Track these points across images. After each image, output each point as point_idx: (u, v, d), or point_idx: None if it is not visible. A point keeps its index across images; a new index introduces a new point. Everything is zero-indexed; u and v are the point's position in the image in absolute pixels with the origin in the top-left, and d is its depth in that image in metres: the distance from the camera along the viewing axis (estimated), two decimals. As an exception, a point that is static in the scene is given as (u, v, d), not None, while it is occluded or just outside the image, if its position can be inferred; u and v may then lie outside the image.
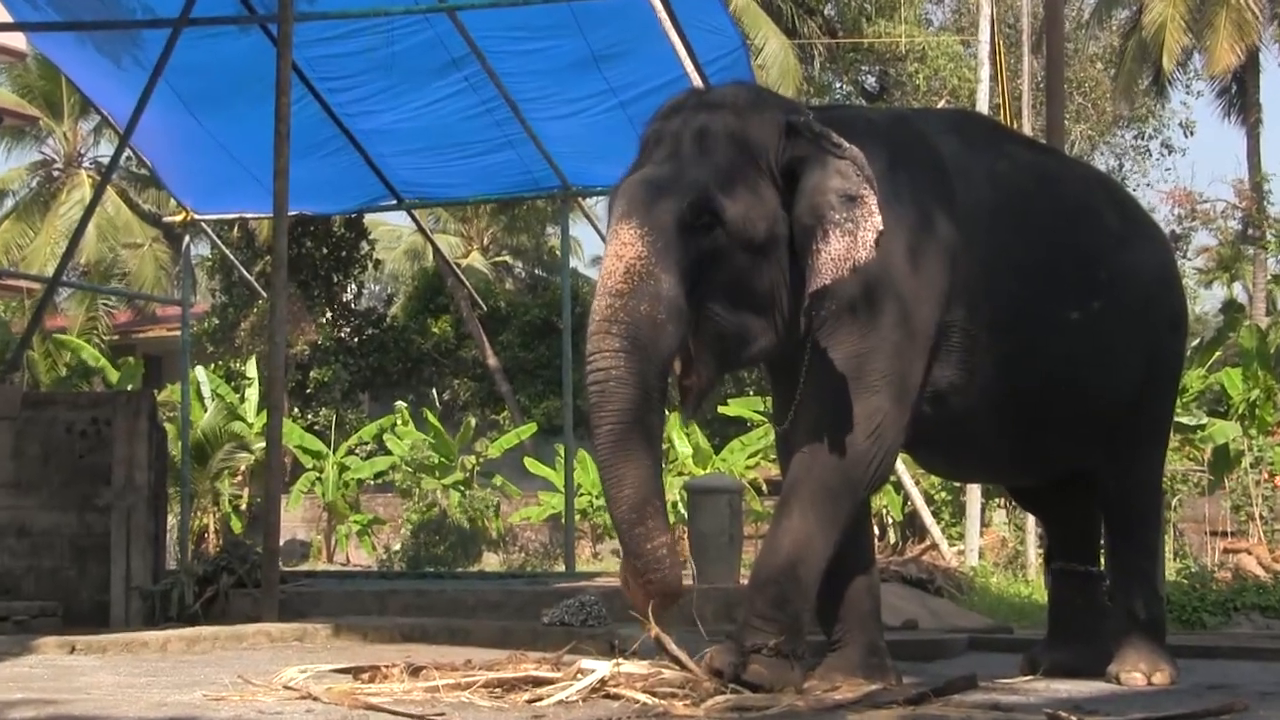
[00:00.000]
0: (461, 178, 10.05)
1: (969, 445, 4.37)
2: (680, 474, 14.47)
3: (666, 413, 3.73)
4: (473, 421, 16.71)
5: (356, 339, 20.23)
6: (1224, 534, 11.36)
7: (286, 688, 3.80)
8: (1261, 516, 11.33)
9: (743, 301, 3.77)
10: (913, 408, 4.06)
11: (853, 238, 3.69)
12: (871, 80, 21.49)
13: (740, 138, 3.86)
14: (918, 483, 10.99)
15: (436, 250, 14.80)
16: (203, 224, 11.08)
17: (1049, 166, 4.70)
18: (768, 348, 3.90)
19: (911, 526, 12.96)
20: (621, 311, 3.57)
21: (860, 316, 3.95)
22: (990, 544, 11.71)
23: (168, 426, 10.44)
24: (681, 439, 15.04)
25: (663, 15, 7.78)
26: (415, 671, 3.92)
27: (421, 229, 13.12)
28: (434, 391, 19.41)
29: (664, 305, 3.60)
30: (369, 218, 19.66)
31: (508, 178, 9.93)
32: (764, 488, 14.68)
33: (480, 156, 9.68)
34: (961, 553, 10.69)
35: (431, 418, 16.13)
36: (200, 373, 16.01)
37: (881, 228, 3.73)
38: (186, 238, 11.44)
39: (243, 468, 15.99)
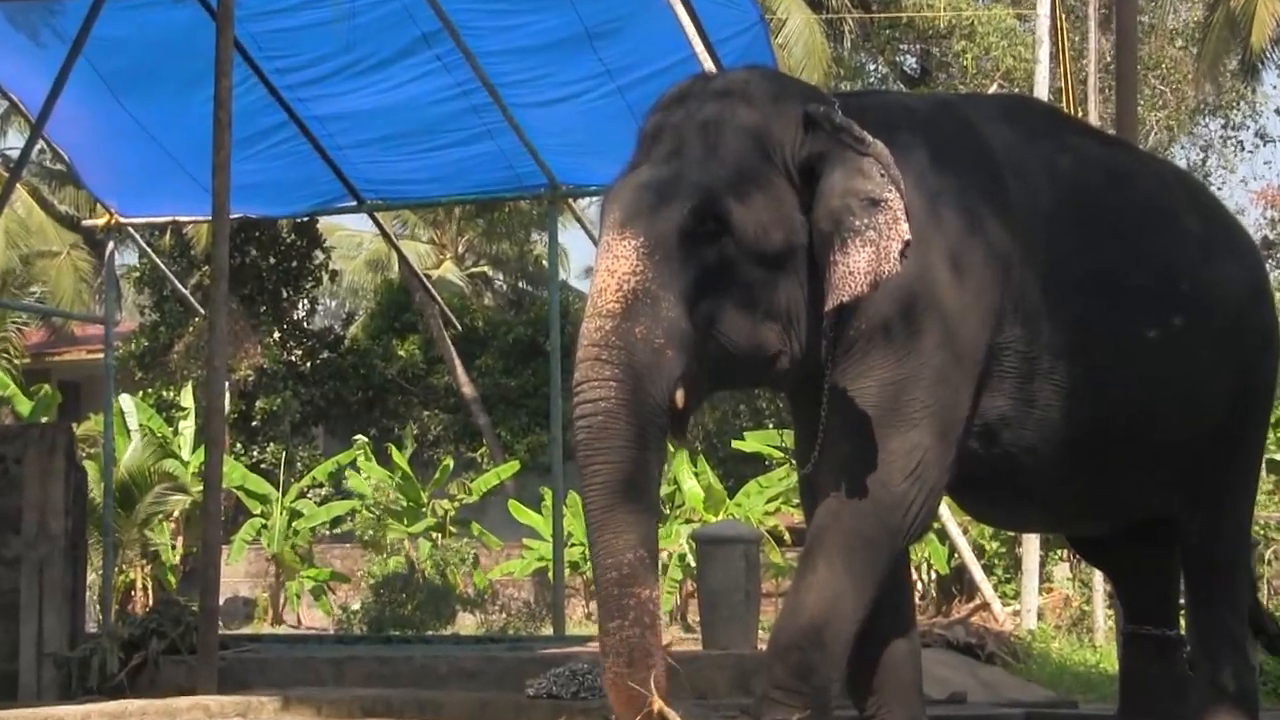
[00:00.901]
0: (433, 174, 10.04)
1: (1026, 488, 4.37)
2: (688, 520, 14.50)
3: (670, 448, 3.82)
4: (447, 462, 16.64)
5: (309, 363, 20.27)
6: (1327, 592, 11.98)
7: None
8: (1372, 572, 11.87)
9: (755, 320, 3.84)
10: (959, 444, 4.07)
11: (875, 248, 3.74)
12: (911, 62, 21.53)
13: (753, 132, 3.93)
14: (965, 531, 10.95)
15: (403, 260, 14.58)
16: (129, 229, 11.03)
17: (1119, 161, 4.71)
18: (784, 372, 3.95)
19: (959, 582, 12.92)
20: (615, 335, 3.64)
21: (896, 338, 3.97)
22: (1051, 604, 11.68)
23: (88, 465, 10.55)
24: (689, 478, 15.02)
25: (668, -17, 8.34)
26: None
27: (386, 235, 13.09)
28: (401, 424, 19.24)
29: (664, 328, 3.67)
30: (324, 222, 19.63)
31: (486, 175, 9.96)
32: (785, 537, 14.62)
33: (454, 149, 9.72)
34: (1017, 613, 10.66)
35: (397, 455, 16.09)
36: (126, 402, 15.79)
37: (909, 236, 3.77)
38: (110, 245, 11.35)
39: (176, 513, 15.85)
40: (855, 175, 3.84)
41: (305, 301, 20.38)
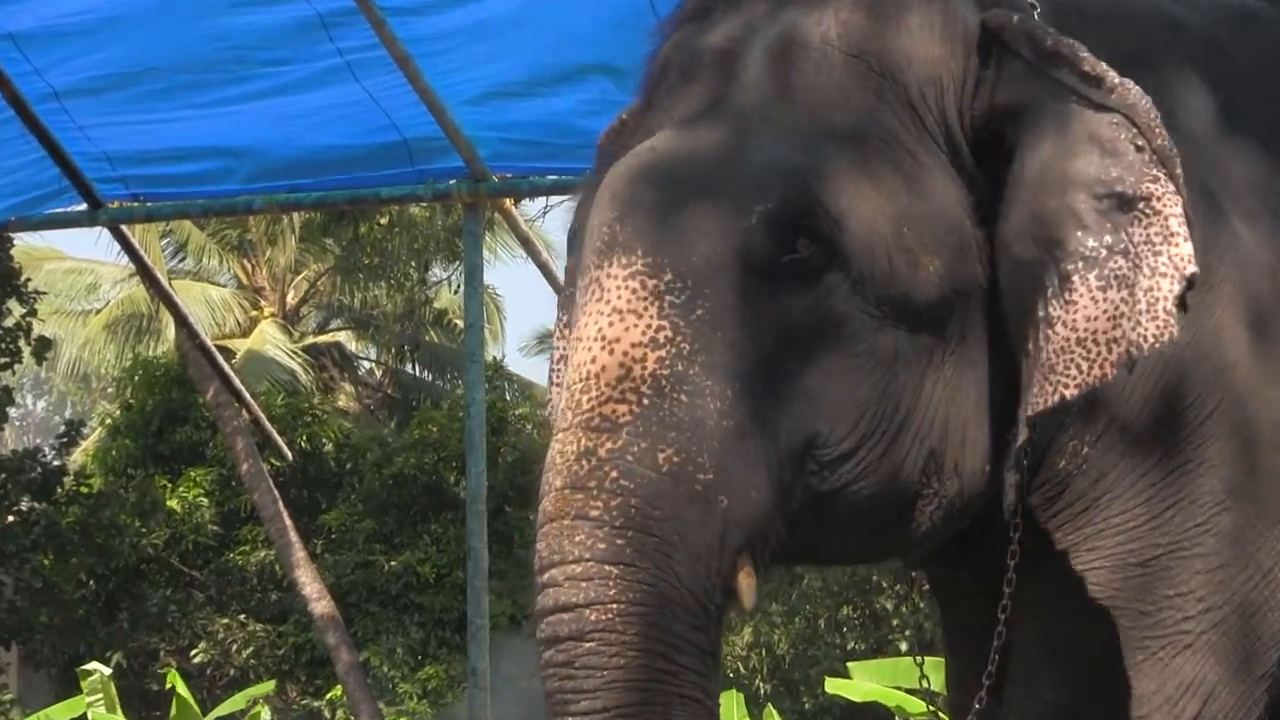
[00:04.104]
0: (235, 151, 9.04)
1: None
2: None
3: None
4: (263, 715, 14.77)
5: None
6: None
7: None
8: None
9: (880, 431, 3.27)
10: (1273, 682, 3.63)
11: (1130, 292, 3.20)
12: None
13: (880, 64, 3.33)
14: None
15: (175, 313, 12.06)
16: None
17: None
18: (927, 533, 3.40)
19: None
20: (617, 467, 3.04)
21: (1151, 469, 3.45)
22: None
23: None
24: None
25: None
26: None
27: (140, 266, 11.30)
28: (174, 645, 18.13)
29: (713, 449, 3.08)
30: (24, 243, 19.46)
31: (344, 152, 8.93)
32: None
33: (281, 100, 8.64)
34: None
35: (180, 686, 13.44)
36: None
37: (1195, 268, 3.20)
38: None
39: None
40: (1089, 149, 3.27)
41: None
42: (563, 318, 3.74)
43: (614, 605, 3.05)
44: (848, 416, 3.26)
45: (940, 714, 4.91)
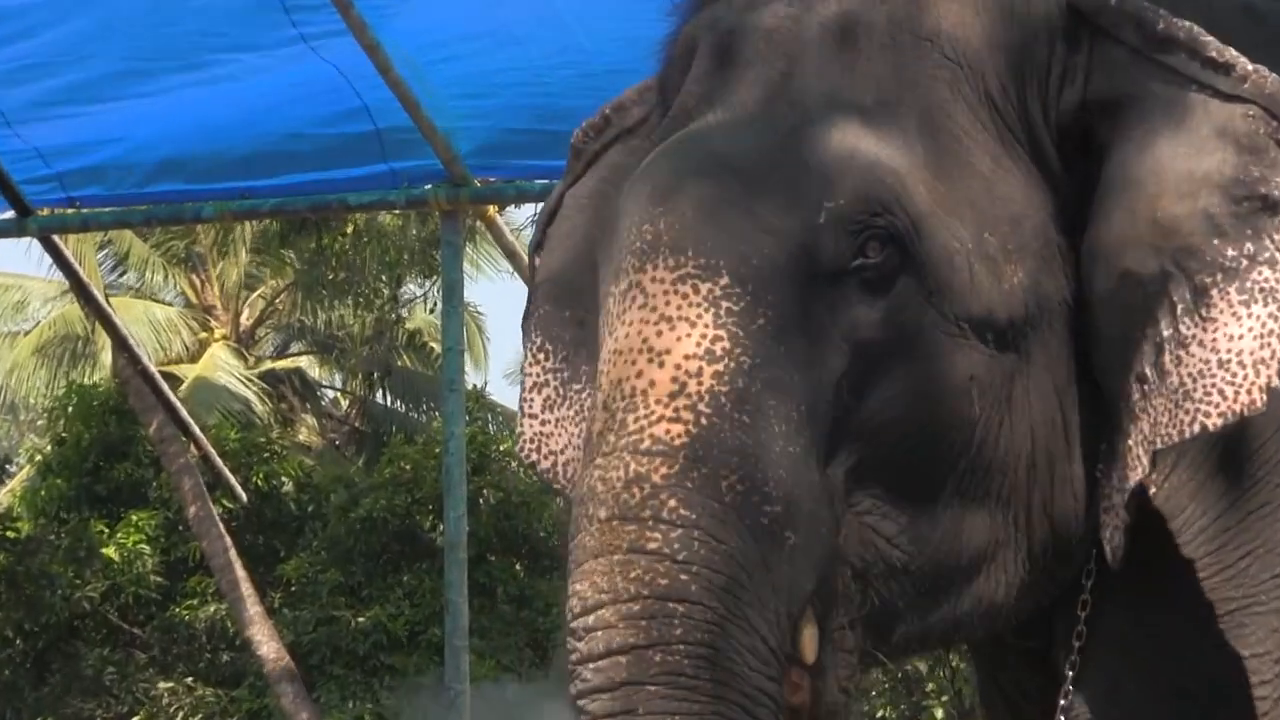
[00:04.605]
0: (190, 140, 9.51)
1: None
2: None
3: None
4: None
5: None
6: None
7: None
8: None
9: (952, 476, 3.25)
10: None
11: (1275, 309, 3.16)
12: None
13: (949, 47, 3.34)
14: None
15: (114, 335, 12.50)
16: None
17: None
18: (1011, 590, 3.36)
19: None
20: (675, 497, 3.03)
21: (1224, 514, 3.42)
22: None
23: None
24: None
25: None
26: None
27: (75, 281, 11.48)
28: (112, 712, 18.07)
29: (780, 479, 3.06)
30: None
31: (313, 143, 9.48)
32: None
33: (239, 89, 9.15)
34: None
35: None
36: None
37: None
38: None
39: None
40: (1221, 145, 3.24)
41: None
42: (535, 340, 3.72)
43: (682, 646, 3.01)
44: (913, 448, 3.23)
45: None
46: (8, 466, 22.10)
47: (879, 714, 16.94)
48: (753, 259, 3.15)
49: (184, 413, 13.31)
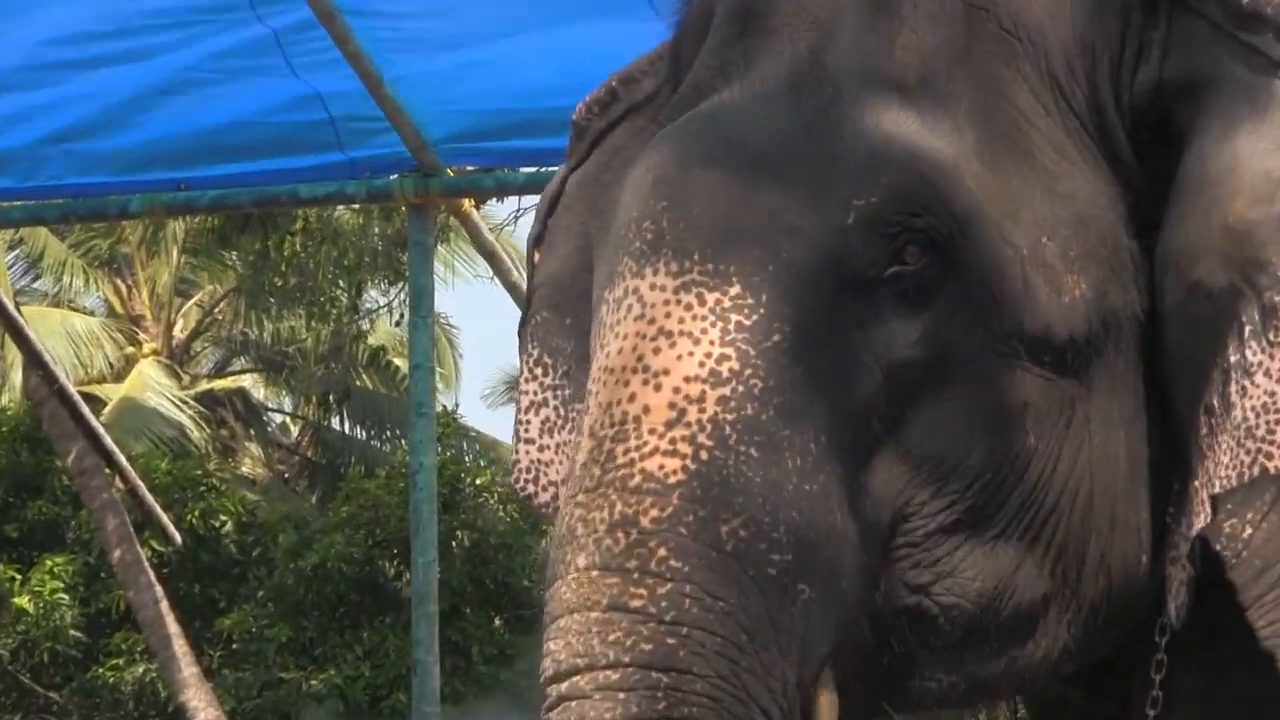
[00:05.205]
0: (113, 121, 9.30)
1: None
2: None
3: None
4: None
5: None
6: None
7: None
8: None
9: (995, 504, 3.25)
10: None
11: None
12: None
13: (1006, 18, 3.38)
14: None
15: (26, 350, 12.62)
16: None
17: None
18: (1064, 653, 3.37)
19: None
20: (666, 545, 3.02)
21: None
22: None
23: None
24: None
25: None
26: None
27: None
28: None
29: (796, 523, 3.07)
30: None
31: (260, 140, 9.36)
32: None
33: (170, 63, 8.93)
34: None
35: None
36: None
37: None
38: None
39: None
40: None
41: None
42: (532, 351, 3.73)
43: None
44: (954, 485, 3.23)
45: None
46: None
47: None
48: (769, 265, 3.16)
49: (108, 440, 12.76)
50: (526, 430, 3.77)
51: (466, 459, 21.08)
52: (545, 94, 8.29)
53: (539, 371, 3.80)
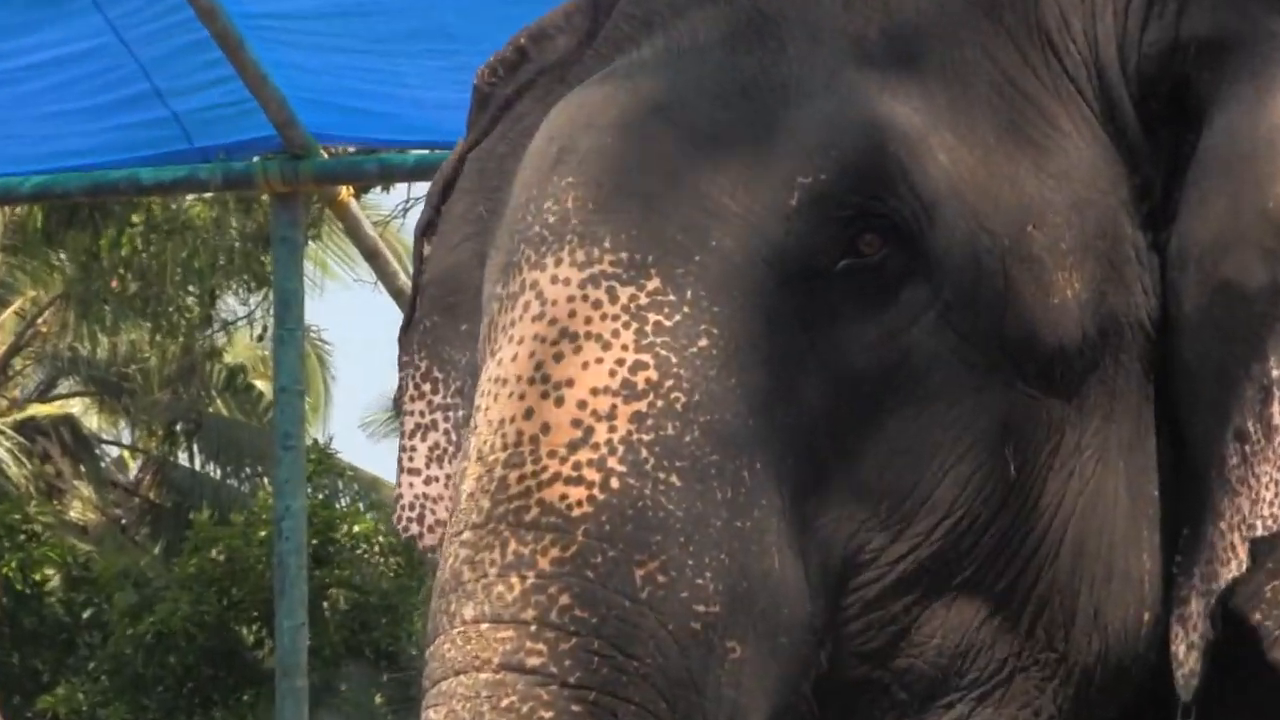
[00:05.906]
0: None
1: None
2: None
3: None
4: None
5: None
6: None
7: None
8: None
9: (967, 547, 3.27)
10: None
11: None
12: None
13: None
14: None
15: None
16: None
17: None
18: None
19: None
20: (569, 592, 3.07)
21: None
22: None
23: None
24: None
25: None
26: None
27: None
28: None
29: (724, 567, 3.12)
30: None
31: (92, 122, 10.19)
32: None
33: None
34: None
35: None
36: None
37: None
38: None
39: None
40: None
41: None
42: (419, 364, 3.75)
43: None
44: (918, 524, 3.25)
45: None
46: None
47: None
48: (696, 254, 3.17)
49: None
50: (411, 459, 3.75)
51: (342, 502, 20.94)
52: (429, 66, 9.08)
53: (427, 388, 3.78)
